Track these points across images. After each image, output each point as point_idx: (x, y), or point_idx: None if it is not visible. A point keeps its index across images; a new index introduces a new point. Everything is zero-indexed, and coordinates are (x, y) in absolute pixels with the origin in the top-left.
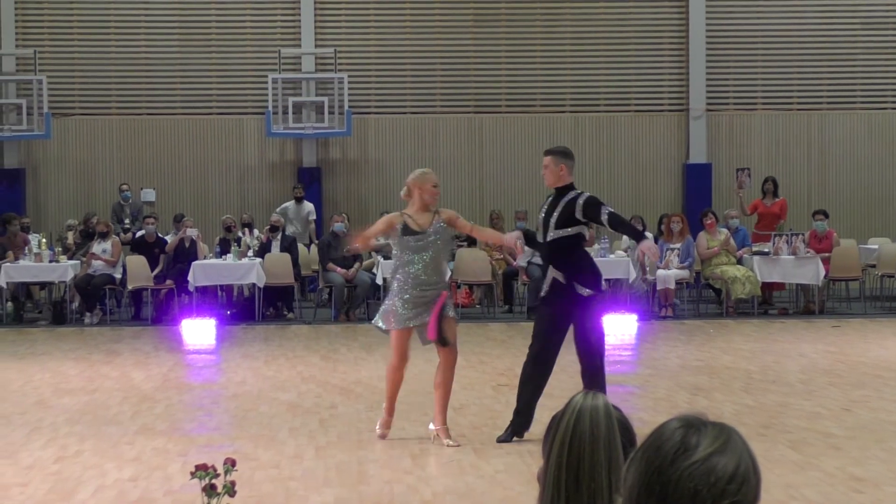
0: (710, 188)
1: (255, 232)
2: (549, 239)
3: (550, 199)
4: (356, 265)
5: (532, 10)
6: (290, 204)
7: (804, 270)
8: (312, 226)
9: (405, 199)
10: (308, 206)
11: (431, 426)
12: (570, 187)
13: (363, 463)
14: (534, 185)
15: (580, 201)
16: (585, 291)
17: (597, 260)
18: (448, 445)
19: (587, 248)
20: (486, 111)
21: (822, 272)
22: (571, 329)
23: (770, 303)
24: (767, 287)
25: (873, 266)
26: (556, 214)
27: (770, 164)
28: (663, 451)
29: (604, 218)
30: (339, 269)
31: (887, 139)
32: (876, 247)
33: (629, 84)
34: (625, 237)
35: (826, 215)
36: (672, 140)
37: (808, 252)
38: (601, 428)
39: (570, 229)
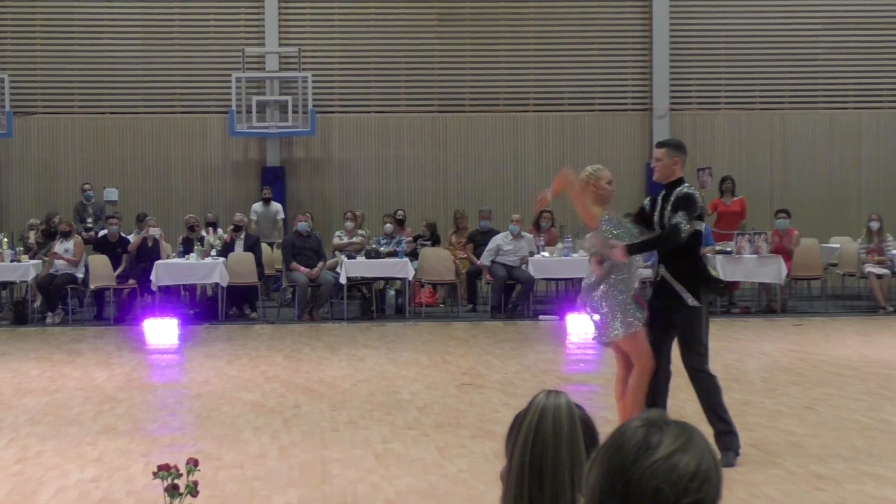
0: None
1: (219, 231)
2: None
3: (661, 195)
4: (320, 264)
5: (496, 10)
6: (258, 205)
7: (766, 269)
8: (280, 225)
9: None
10: (276, 206)
11: None
12: (681, 181)
13: (327, 462)
14: (498, 184)
15: (678, 193)
16: (691, 300)
17: (559, 259)
18: None
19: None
20: (451, 110)
21: (785, 271)
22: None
23: (732, 302)
24: (729, 286)
25: (835, 265)
26: (668, 211)
27: (733, 164)
28: (625, 449)
29: (674, 221)
30: (302, 268)
31: (849, 139)
32: (837, 246)
33: (593, 83)
34: (588, 235)
35: (788, 214)
36: (635, 139)
37: (771, 250)
38: (564, 427)
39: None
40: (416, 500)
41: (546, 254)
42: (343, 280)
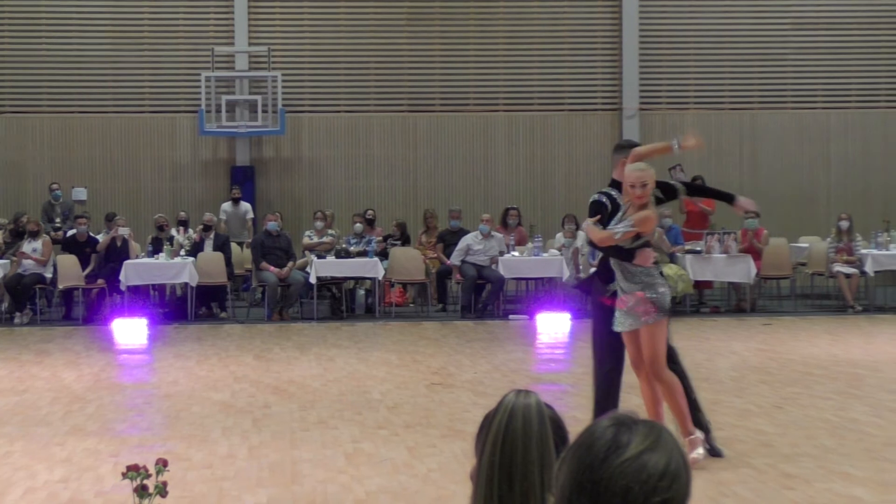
0: None
1: (190, 231)
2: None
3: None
4: (290, 264)
5: (466, 10)
6: (228, 205)
7: (736, 269)
8: (250, 224)
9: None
10: (245, 206)
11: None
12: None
13: (297, 462)
14: (468, 184)
15: None
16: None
17: (529, 259)
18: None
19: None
20: (420, 110)
21: (754, 270)
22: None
23: (702, 301)
24: (699, 285)
25: (804, 264)
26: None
27: (702, 163)
28: (595, 449)
29: None
30: (272, 267)
31: (817, 138)
32: (806, 245)
33: (563, 83)
34: (559, 235)
35: (757, 214)
36: (605, 139)
37: (740, 249)
38: (533, 426)
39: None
40: (387, 500)
41: (516, 253)
42: (313, 280)
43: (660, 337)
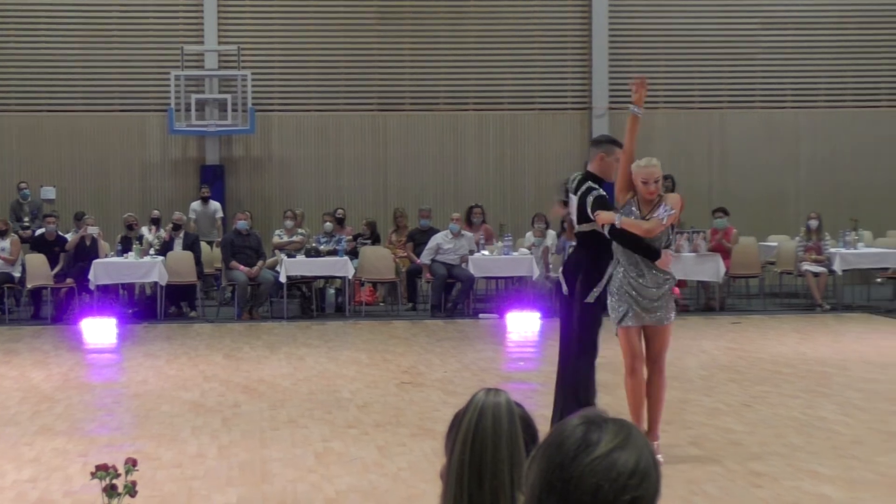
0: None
1: (161, 231)
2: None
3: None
4: (259, 263)
5: (436, 9)
6: (197, 204)
7: (705, 268)
8: (219, 223)
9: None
10: (214, 205)
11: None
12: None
13: (266, 462)
14: (438, 183)
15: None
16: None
17: (499, 258)
18: None
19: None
20: (390, 109)
21: (723, 269)
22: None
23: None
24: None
25: (773, 263)
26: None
27: (672, 162)
28: (565, 447)
29: None
30: (242, 266)
31: (786, 138)
32: (775, 244)
33: (533, 82)
34: (528, 234)
35: (725, 213)
36: (575, 138)
37: (710, 248)
38: (503, 425)
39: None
40: (356, 499)
41: (486, 252)
42: (283, 279)
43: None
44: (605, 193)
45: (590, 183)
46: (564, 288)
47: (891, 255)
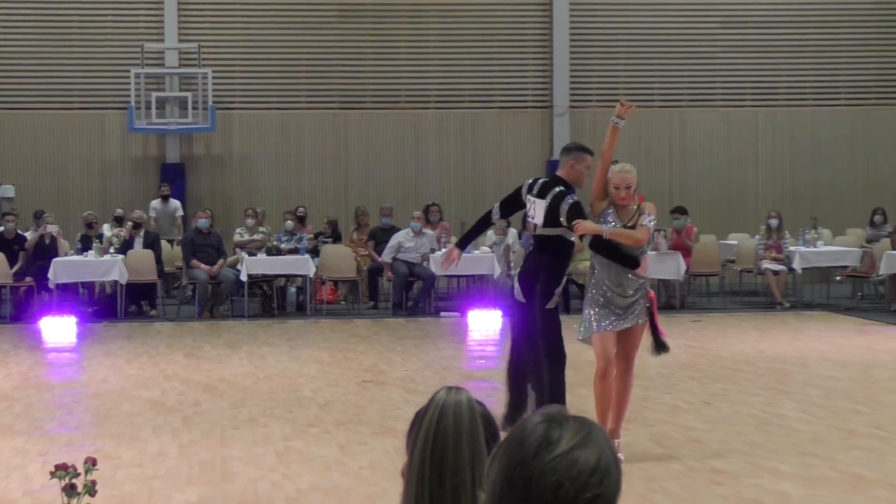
0: None
1: (122, 229)
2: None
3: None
4: (220, 261)
5: (397, 7)
6: (157, 202)
7: (665, 266)
8: (179, 222)
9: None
10: (175, 203)
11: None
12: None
13: (227, 461)
14: (399, 181)
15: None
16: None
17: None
18: None
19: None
20: (351, 107)
21: (683, 268)
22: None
23: None
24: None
25: (733, 261)
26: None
27: (632, 161)
28: (526, 445)
29: None
30: (202, 265)
31: (746, 136)
32: (735, 242)
33: (493, 81)
34: (490, 232)
35: (684, 212)
36: (536, 137)
37: (670, 246)
38: (464, 423)
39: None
40: (318, 498)
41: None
42: (244, 277)
43: None
44: (580, 200)
45: (562, 187)
46: (520, 295)
47: (850, 253)
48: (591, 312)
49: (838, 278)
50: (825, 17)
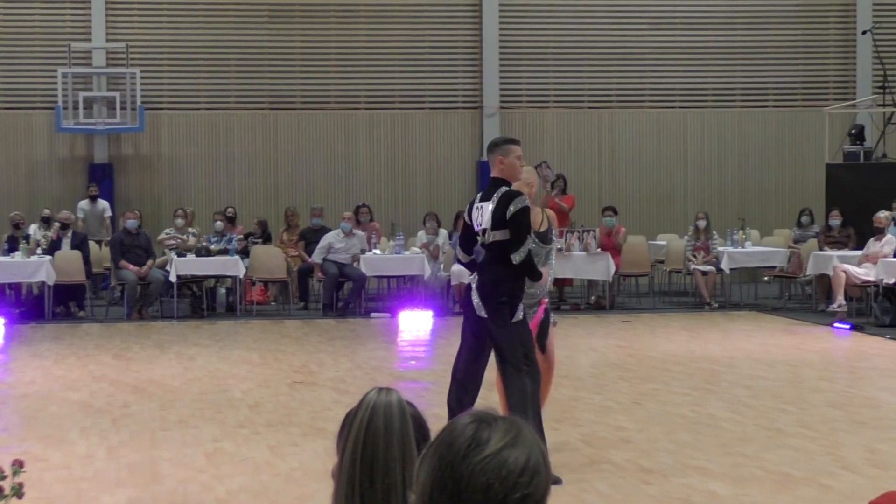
0: None
1: (49, 230)
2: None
3: None
4: (149, 262)
5: (327, 7)
6: (85, 202)
7: (595, 266)
8: (108, 222)
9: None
10: (103, 204)
11: None
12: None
13: (156, 462)
14: (329, 182)
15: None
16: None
17: (391, 257)
18: None
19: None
20: (281, 108)
21: (613, 268)
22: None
23: (562, 298)
24: (558, 283)
25: (662, 262)
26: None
27: (562, 161)
28: (455, 446)
29: None
30: (131, 266)
31: (675, 137)
32: (664, 243)
33: (424, 81)
34: (420, 233)
35: (615, 212)
36: (466, 137)
37: (599, 247)
38: (395, 424)
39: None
40: (248, 499)
41: (377, 251)
42: (173, 278)
43: None
44: (528, 205)
45: (506, 188)
46: (482, 310)
47: (777, 253)
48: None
49: (766, 279)
50: (753, 21)
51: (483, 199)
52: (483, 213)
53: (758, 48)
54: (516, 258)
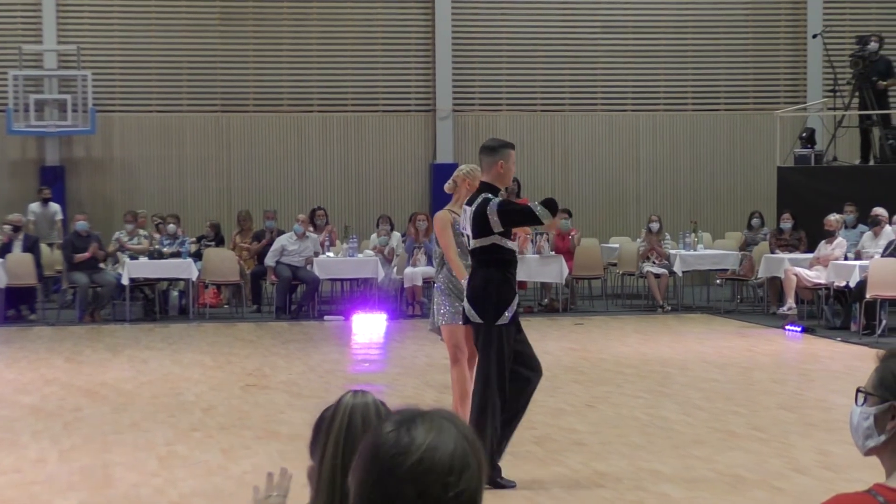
0: None
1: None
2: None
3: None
4: (93, 245)
5: (279, 9)
6: (36, 205)
7: (548, 269)
8: (59, 225)
9: (450, 192)
10: (54, 206)
11: None
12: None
13: (109, 466)
14: (282, 184)
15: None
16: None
17: (344, 259)
18: None
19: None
20: (234, 110)
21: (566, 271)
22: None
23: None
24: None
25: (615, 264)
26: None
27: (516, 164)
28: (380, 458)
29: None
30: (86, 254)
31: (627, 140)
32: (617, 246)
33: (377, 84)
34: (373, 235)
35: (569, 214)
36: (419, 140)
37: (552, 249)
38: (373, 424)
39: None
40: (200, 503)
41: (331, 254)
42: (125, 281)
43: None
44: (505, 200)
45: (487, 194)
46: (474, 316)
47: (729, 256)
48: (443, 301)
49: (718, 281)
50: (704, 24)
51: (468, 203)
52: (467, 218)
53: (709, 51)
54: (538, 209)
